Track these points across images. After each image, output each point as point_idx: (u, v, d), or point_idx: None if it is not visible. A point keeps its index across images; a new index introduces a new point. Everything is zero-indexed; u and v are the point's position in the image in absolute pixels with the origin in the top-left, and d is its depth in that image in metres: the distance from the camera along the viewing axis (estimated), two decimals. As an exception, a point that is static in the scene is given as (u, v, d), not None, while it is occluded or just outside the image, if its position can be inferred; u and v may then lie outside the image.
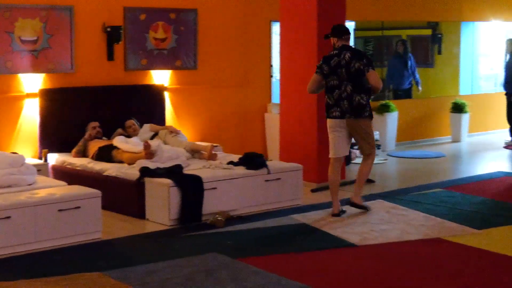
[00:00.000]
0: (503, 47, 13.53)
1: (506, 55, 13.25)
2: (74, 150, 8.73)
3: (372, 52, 13.36)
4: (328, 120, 7.80)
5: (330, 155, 7.85)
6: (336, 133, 7.75)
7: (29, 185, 7.09)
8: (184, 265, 5.97)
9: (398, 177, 10.37)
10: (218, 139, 10.34)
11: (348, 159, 10.46)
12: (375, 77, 7.62)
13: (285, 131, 9.63)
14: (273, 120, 10.82)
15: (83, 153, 8.72)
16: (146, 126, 9.29)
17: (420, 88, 13.28)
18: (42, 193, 6.73)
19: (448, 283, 5.58)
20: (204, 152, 8.65)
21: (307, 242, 6.75)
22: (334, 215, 7.72)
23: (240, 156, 8.43)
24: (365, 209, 7.88)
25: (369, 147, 7.85)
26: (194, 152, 8.73)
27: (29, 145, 8.92)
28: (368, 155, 7.93)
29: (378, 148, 11.89)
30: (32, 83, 8.89)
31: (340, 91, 7.64)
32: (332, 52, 7.79)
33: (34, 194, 6.68)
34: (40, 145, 8.89)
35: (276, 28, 11.13)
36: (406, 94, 13.29)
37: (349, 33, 7.89)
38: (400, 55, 13.30)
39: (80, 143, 8.73)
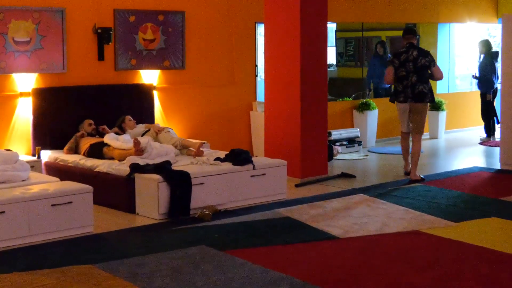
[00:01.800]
0: (477, 48, 13.57)
1: (480, 56, 13.28)
2: (66, 147, 8.69)
3: (353, 52, 13.38)
4: (396, 103, 9.58)
5: (401, 130, 9.73)
6: (402, 113, 9.54)
7: (23, 181, 7.05)
8: (172, 257, 5.95)
9: (378, 172, 10.38)
10: (205, 136, 10.32)
11: (330, 155, 10.48)
12: (439, 71, 9.41)
13: (269, 129, 9.63)
14: (258, 118, 10.81)
15: (75, 150, 8.69)
16: (141, 126, 9.30)
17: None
18: (35, 189, 6.69)
19: (426, 273, 5.59)
20: (192, 149, 8.64)
21: (291, 235, 6.74)
22: (406, 173, 9.64)
23: (227, 152, 8.42)
24: (423, 180, 9.22)
25: (420, 126, 9.46)
26: (184, 148, 8.71)
27: (22, 142, 8.87)
28: (419, 134, 9.47)
29: (359, 145, 11.93)
30: (25, 82, 8.83)
31: (407, 81, 9.31)
32: (401, 49, 9.49)
33: (27, 189, 6.65)
34: (33, 142, 8.84)
35: (260, 29, 11.13)
36: (386, 92, 13.32)
37: (409, 33, 9.58)
38: (380, 56, 13.32)
39: (72, 140, 8.70)
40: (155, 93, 10.00)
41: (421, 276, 5.53)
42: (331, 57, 12.69)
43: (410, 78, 9.28)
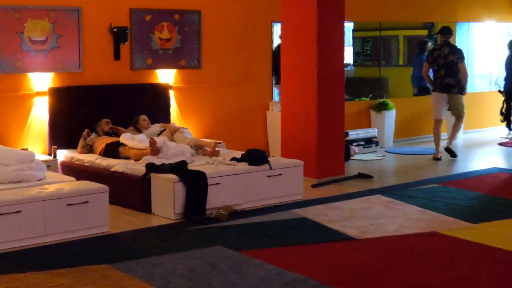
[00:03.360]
0: (501, 48, 13.48)
1: (508, 56, 13.23)
2: (78, 147, 8.72)
3: (370, 52, 13.34)
4: (432, 93, 11.10)
5: (432, 118, 11.20)
6: (434, 102, 11.03)
7: (39, 180, 7.08)
8: (188, 257, 5.96)
9: (395, 173, 10.35)
10: (221, 136, 10.33)
11: (347, 156, 10.45)
12: (463, 68, 10.83)
13: (286, 128, 9.62)
14: (274, 118, 10.81)
15: (89, 149, 8.72)
16: (156, 126, 9.32)
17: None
18: (51, 188, 6.72)
19: (442, 274, 5.57)
20: (207, 148, 8.64)
21: (308, 236, 6.73)
22: (435, 159, 10.97)
23: (243, 152, 8.42)
24: (456, 156, 11.00)
25: (457, 112, 11.01)
26: (198, 148, 8.73)
27: (38, 142, 8.92)
28: (458, 118, 11.08)
29: (377, 145, 11.91)
30: (41, 82, 8.88)
31: (438, 74, 10.83)
32: (436, 46, 11.15)
33: (43, 189, 6.68)
34: (50, 141, 8.89)
35: (277, 29, 11.12)
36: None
37: (444, 33, 10.98)
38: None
39: (81, 139, 8.71)
40: (171, 93, 10.02)
41: (437, 277, 5.50)
42: (348, 56, 12.66)
43: (440, 72, 10.78)
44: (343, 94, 9.58)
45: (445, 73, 10.77)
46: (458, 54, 10.80)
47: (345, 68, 10.19)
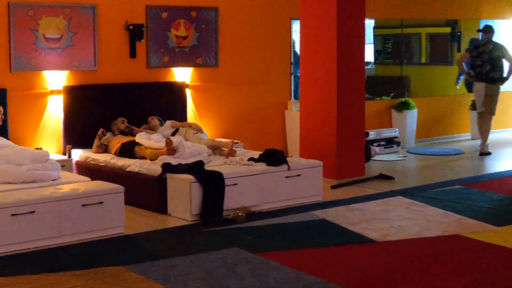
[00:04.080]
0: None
1: None
2: (93, 146, 8.76)
3: (391, 50, 13.31)
4: (475, 85, 11.65)
5: (478, 110, 11.73)
6: (477, 95, 11.63)
7: (53, 180, 7.11)
8: (205, 259, 5.97)
9: (417, 174, 10.31)
10: (238, 135, 10.34)
11: (367, 156, 10.43)
12: (509, 57, 11.57)
13: (305, 128, 9.62)
14: (293, 117, 10.81)
15: (105, 149, 8.75)
16: (168, 123, 9.30)
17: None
18: (66, 188, 6.76)
19: (464, 278, 5.55)
20: (224, 148, 8.65)
21: (327, 238, 6.73)
22: (483, 154, 11.54)
23: (261, 152, 8.43)
24: (489, 154, 11.55)
25: (490, 108, 11.55)
26: (215, 149, 8.73)
27: (53, 141, 8.97)
28: (490, 114, 11.57)
29: (398, 145, 11.88)
30: (56, 80, 8.93)
31: (480, 69, 11.44)
32: (480, 42, 11.83)
33: (58, 189, 6.71)
34: (64, 141, 8.94)
35: (296, 26, 11.12)
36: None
37: (487, 31, 11.71)
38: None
39: (96, 139, 8.75)
40: (188, 91, 10.05)
41: (459, 281, 5.49)
42: (369, 54, 12.63)
43: (484, 67, 11.39)
44: (363, 93, 9.56)
45: (491, 68, 11.40)
46: (502, 49, 11.55)
47: (366, 67, 10.16)
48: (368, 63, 12.68)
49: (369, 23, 12.51)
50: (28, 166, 7.03)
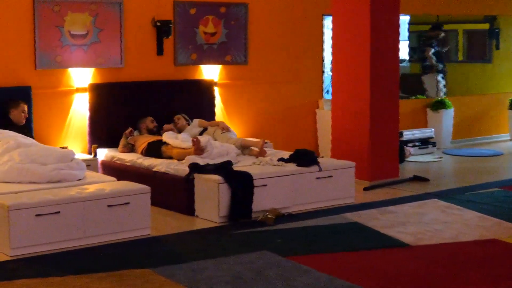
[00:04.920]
0: None
1: None
2: (119, 146, 8.81)
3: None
4: None
5: None
6: None
7: (79, 180, 7.17)
8: (233, 263, 5.98)
9: (453, 176, 10.25)
10: (268, 135, 10.34)
11: (401, 157, 10.38)
12: None
13: (337, 128, 9.60)
14: (324, 116, 10.79)
15: (131, 148, 8.80)
16: (195, 121, 9.32)
17: None
18: (91, 189, 6.80)
19: (503, 285, 5.50)
20: (254, 148, 8.65)
21: (359, 241, 6.71)
22: None
23: (291, 153, 8.42)
24: None
25: None
26: (244, 148, 8.74)
27: (78, 140, 9.04)
28: None
29: (433, 146, 11.82)
30: (81, 77, 9.00)
31: None
32: None
33: (83, 189, 6.76)
34: (90, 140, 9.00)
35: (328, 22, 11.10)
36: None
37: None
38: None
39: (122, 138, 8.80)
40: (216, 90, 10.07)
41: (497, 287, 5.44)
42: (404, 52, 12.58)
43: None
44: (397, 92, 9.53)
45: None
46: None
47: (400, 64, 10.12)
48: (403, 60, 12.62)
49: (404, 19, 12.45)
50: (53, 166, 7.09)
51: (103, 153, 8.92)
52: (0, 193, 6.55)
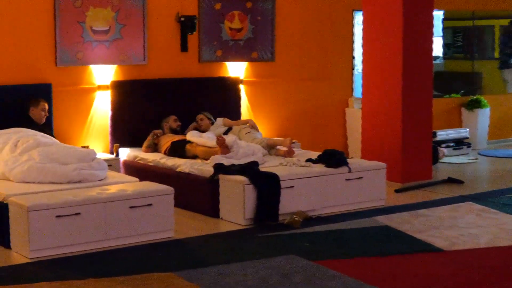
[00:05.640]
0: None
1: None
2: (144, 145, 8.85)
3: (462, 43, 13.17)
4: None
5: None
6: None
7: (100, 180, 7.21)
8: (259, 267, 5.98)
9: (489, 178, 10.19)
10: (296, 135, 10.33)
11: (435, 158, 10.33)
12: None
13: (367, 127, 9.57)
14: (354, 116, 10.77)
15: (154, 148, 8.83)
16: (219, 120, 9.34)
17: None
18: (113, 189, 6.84)
19: (543, 293, 5.47)
20: (281, 148, 8.65)
21: (390, 246, 6.69)
22: None
23: (319, 153, 8.41)
24: None
25: None
26: (271, 148, 8.74)
27: (100, 139, 9.09)
28: None
29: (468, 147, 11.75)
30: (103, 74, 9.05)
31: None
32: None
33: (104, 190, 6.80)
34: (112, 139, 9.05)
35: (358, 18, 11.07)
36: None
37: None
38: None
39: (149, 137, 8.84)
40: (242, 87, 10.08)
41: (538, 296, 5.41)
42: (437, 48, 12.53)
43: None
44: (431, 90, 9.48)
45: None
46: None
47: (434, 61, 10.07)
48: (437, 57, 12.57)
49: (438, 15, 12.39)
50: (74, 166, 7.14)
51: (125, 153, 8.96)
52: (20, 193, 6.61)
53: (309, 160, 8.19)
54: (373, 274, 5.87)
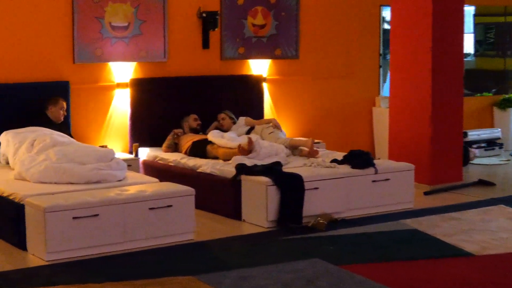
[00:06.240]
0: None
1: None
2: (164, 145, 8.87)
3: (494, 40, 13.10)
4: None
5: None
6: None
7: (119, 181, 7.23)
8: (282, 271, 5.97)
9: (522, 180, 10.14)
10: (320, 134, 10.33)
11: (465, 159, 10.28)
12: None
13: (395, 127, 9.54)
14: (381, 115, 10.74)
15: (174, 148, 8.85)
16: (241, 120, 9.34)
17: None
18: (132, 190, 6.85)
19: None
20: (304, 148, 8.63)
21: (419, 250, 6.66)
22: None
23: (345, 153, 8.39)
24: None
25: None
26: (293, 149, 8.72)
27: (119, 138, 9.12)
28: None
29: (501, 148, 11.69)
30: (122, 72, 9.08)
31: None
32: None
33: (123, 190, 6.81)
34: (131, 138, 9.08)
35: (386, 13, 11.04)
36: None
37: None
38: None
39: (169, 137, 8.86)
40: (265, 86, 10.08)
41: None
42: (468, 45, 12.47)
43: None
44: (461, 89, 9.44)
45: None
46: None
47: (465, 59, 10.03)
48: (467, 54, 12.52)
49: (469, 10, 12.33)
50: (92, 166, 7.17)
51: (144, 153, 8.98)
52: (36, 194, 6.64)
53: (334, 160, 8.17)
54: (400, 279, 5.85)
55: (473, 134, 11.51)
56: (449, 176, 9.33)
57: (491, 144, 11.71)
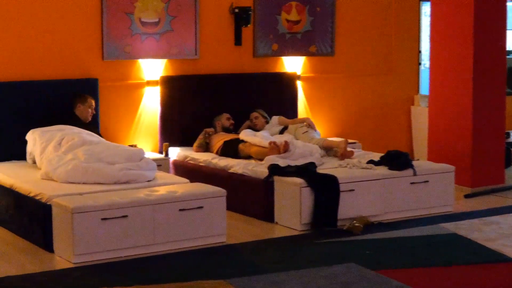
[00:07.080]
0: None
1: None
2: (195, 144, 8.89)
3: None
4: None
5: None
6: None
7: (148, 181, 7.26)
8: (316, 275, 5.97)
9: None
10: (356, 134, 10.30)
11: (508, 161, 10.20)
12: None
13: (434, 127, 9.50)
14: (420, 114, 10.69)
15: (206, 148, 8.87)
16: (275, 119, 9.34)
17: None
18: (162, 191, 6.88)
19: None
20: (338, 149, 8.60)
21: (458, 255, 6.62)
22: None
23: (382, 154, 8.37)
24: None
25: None
26: (327, 150, 8.70)
27: (149, 137, 9.16)
28: None
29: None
30: (152, 69, 9.12)
31: None
32: None
33: (153, 191, 6.84)
34: (161, 138, 9.12)
35: (426, 8, 10.98)
36: None
37: None
38: None
39: (201, 136, 8.88)
40: (299, 84, 10.07)
41: None
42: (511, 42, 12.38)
43: None
44: (504, 87, 9.37)
45: None
46: None
47: (508, 56, 9.95)
48: (510, 52, 12.42)
49: (512, 6, 12.25)
50: (121, 165, 7.21)
51: (175, 152, 9.02)
52: (63, 194, 6.69)
53: (370, 161, 8.15)
54: (439, 285, 5.83)
55: (516, 135, 11.43)
56: (491, 178, 9.27)
57: (535, 145, 11.61)
